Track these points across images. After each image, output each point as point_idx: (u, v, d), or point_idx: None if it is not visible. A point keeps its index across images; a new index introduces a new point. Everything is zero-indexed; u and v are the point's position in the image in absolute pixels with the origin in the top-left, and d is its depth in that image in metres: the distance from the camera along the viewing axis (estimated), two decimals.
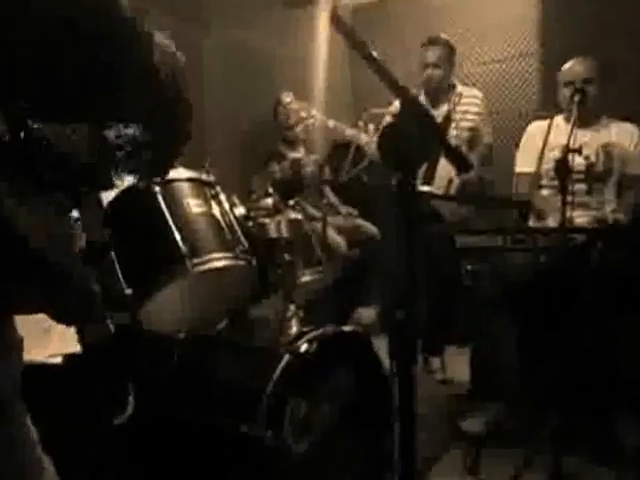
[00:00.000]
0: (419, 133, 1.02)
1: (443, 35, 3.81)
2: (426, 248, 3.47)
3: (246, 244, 2.09)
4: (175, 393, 1.84)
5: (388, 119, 3.31)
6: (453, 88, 3.83)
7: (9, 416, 1.09)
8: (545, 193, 3.30)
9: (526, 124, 3.53)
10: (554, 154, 3.02)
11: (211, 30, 3.49)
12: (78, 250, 1.05)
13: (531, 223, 3.22)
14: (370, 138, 3.37)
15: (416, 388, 1.23)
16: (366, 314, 4.15)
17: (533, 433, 2.58)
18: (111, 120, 0.98)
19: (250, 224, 2.24)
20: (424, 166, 3.46)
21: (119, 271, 1.71)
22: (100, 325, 1.19)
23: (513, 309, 2.90)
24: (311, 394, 1.90)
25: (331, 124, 3.43)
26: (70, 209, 1.01)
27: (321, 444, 1.88)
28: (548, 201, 3.20)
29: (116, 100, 0.97)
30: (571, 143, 2.59)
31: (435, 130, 1.09)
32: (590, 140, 3.20)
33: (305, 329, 2.02)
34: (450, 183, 3.55)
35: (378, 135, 1.03)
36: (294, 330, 2.06)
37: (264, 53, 3.87)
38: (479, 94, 3.87)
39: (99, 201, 1.24)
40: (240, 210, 2.21)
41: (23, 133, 0.89)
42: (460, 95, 3.79)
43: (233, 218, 2.13)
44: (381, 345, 2.15)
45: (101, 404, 1.62)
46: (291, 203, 2.38)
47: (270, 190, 2.37)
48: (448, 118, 3.69)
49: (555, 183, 2.86)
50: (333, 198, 4.16)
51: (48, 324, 1.18)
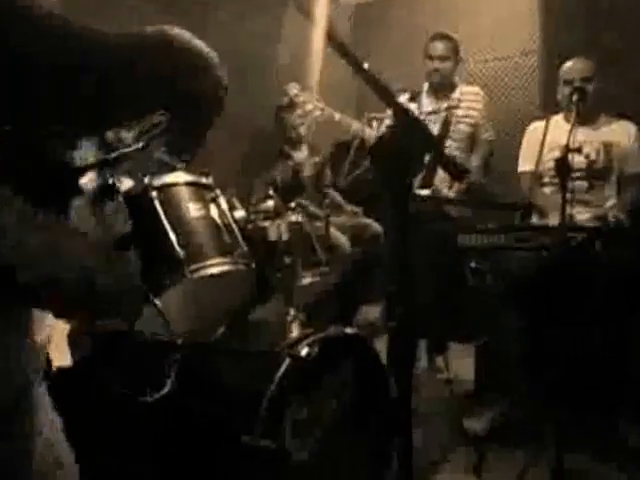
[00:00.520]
0: (412, 146, 1.01)
1: (449, 33, 3.83)
2: (430, 246, 3.47)
3: (245, 248, 2.07)
4: (173, 399, 1.84)
5: (388, 122, 3.32)
6: (455, 86, 3.85)
7: (24, 408, 1.09)
8: (547, 191, 3.31)
9: (527, 122, 3.53)
10: (554, 153, 3.02)
11: (208, 30, 3.48)
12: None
13: (534, 221, 3.22)
14: (374, 133, 3.38)
15: (411, 388, 1.22)
16: (371, 312, 4.14)
17: (538, 431, 2.58)
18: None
19: (250, 227, 2.23)
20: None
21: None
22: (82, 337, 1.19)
23: (517, 307, 2.90)
24: (312, 398, 1.89)
25: (337, 117, 3.45)
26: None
27: (322, 448, 1.88)
28: (549, 199, 3.21)
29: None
30: (571, 142, 2.59)
31: (429, 141, 1.08)
32: (590, 138, 3.22)
33: (306, 332, 2.01)
34: (451, 186, 3.57)
35: (370, 147, 1.02)
36: (295, 333, 2.06)
37: (263, 54, 3.86)
38: (480, 92, 3.90)
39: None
40: (240, 213, 2.19)
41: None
42: (461, 93, 3.80)
43: (233, 221, 2.10)
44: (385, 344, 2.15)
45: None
46: (292, 206, 2.36)
47: (271, 193, 2.36)
48: (449, 116, 3.70)
49: (557, 181, 2.86)
50: (337, 197, 4.15)
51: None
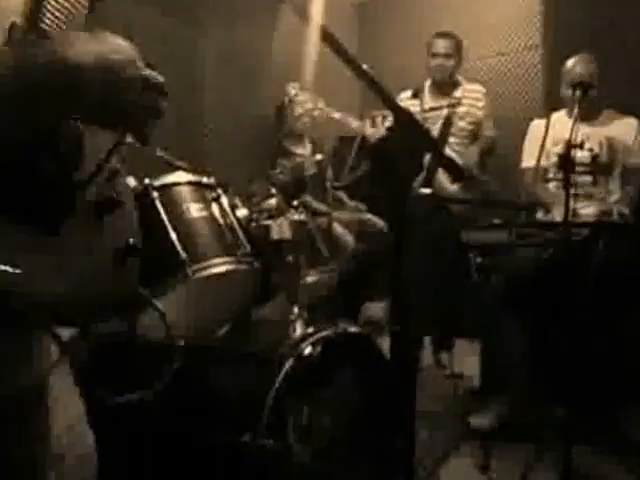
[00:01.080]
0: (412, 146, 1.01)
1: (452, 31, 3.85)
2: (434, 243, 3.47)
3: (248, 247, 2.07)
4: (176, 400, 1.84)
5: (391, 120, 3.30)
6: (457, 83, 3.86)
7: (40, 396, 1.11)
8: (551, 186, 3.30)
9: (529, 118, 3.53)
10: (558, 148, 3.02)
11: (208, 29, 3.47)
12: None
13: (539, 216, 3.22)
14: (377, 130, 3.37)
15: (415, 386, 1.22)
16: (375, 310, 4.14)
17: (543, 428, 2.57)
18: None
19: (253, 226, 2.22)
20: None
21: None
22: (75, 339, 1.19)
23: (521, 303, 2.90)
24: (316, 397, 1.89)
25: (337, 116, 3.44)
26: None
27: (326, 447, 1.88)
28: (553, 194, 3.20)
29: None
30: (574, 137, 2.59)
31: (429, 141, 1.08)
32: (593, 133, 3.21)
33: (309, 331, 2.01)
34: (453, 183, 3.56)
35: (370, 147, 1.02)
36: (298, 332, 2.05)
37: (263, 52, 3.85)
38: (482, 89, 3.91)
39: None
40: (242, 212, 2.19)
41: None
42: (464, 90, 3.81)
43: (235, 220, 2.10)
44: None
45: None
46: (294, 204, 2.36)
47: (273, 191, 2.36)
48: (451, 113, 3.70)
49: (560, 176, 2.86)
50: (340, 193, 4.14)
51: None
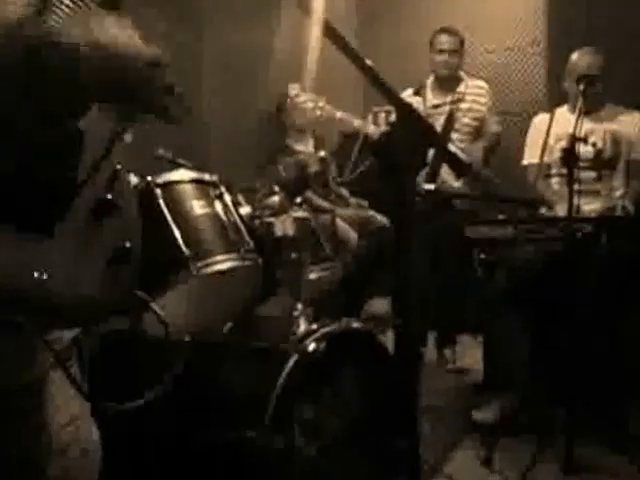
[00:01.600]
0: (415, 142, 1.01)
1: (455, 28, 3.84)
2: (438, 239, 3.48)
3: (251, 244, 2.07)
4: (181, 397, 1.85)
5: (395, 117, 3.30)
6: (460, 79, 3.85)
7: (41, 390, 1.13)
8: (554, 182, 3.29)
9: (533, 113, 3.52)
10: (561, 144, 3.01)
11: (210, 26, 3.46)
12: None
13: (542, 212, 3.21)
14: (378, 128, 3.37)
15: (419, 381, 1.22)
16: (378, 306, 4.14)
17: (545, 421, 2.58)
18: None
19: (256, 223, 2.22)
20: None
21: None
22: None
23: (525, 298, 2.90)
24: (320, 393, 1.90)
25: (339, 115, 3.44)
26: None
27: (331, 443, 1.88)
28: (556, 190, 3.20)
29: None
30: (578, 132, 2.59)
31: (432, 136, 1.08)
32: (596, 127, 3.20)
33: (313, 327, 2.01)
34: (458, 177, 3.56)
35: (373, 143, 1.02)
36: (302, 329, 2.05)
37: (262, 51, 3.85)
38: (485, 85, 3.90)
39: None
40: (245, 209, 2.19)
41: None
42: (466, 86, 3.80)
43: (238, 218, 2.10)
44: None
45: None
46: (297, 201, 2.36)
47: (276, 188, 2.36)
48: (454, 109, 3.70)
49: (564, 172, 2.85)
50: (343, 190, 4.14)
51: None
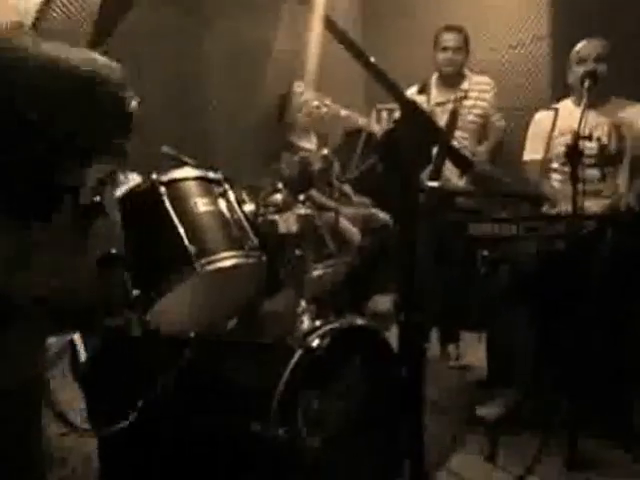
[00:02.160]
0: (419, 138, 1.01)
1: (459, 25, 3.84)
2: (441, 236, 3.47)
3: (255, 241, 2.08)
4: (186, 392, 1.86)
5: (398, 113, 3.31)
6: (465, 76, 3.86)
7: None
8: (557, 179, 3.28)
9: (537, 110, 3.51)
10: (565, 138, 3.00)
11: (214, 24, 3.46)
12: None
13: (544, 209, 3.20)
14: (383, 125, 3.38)
15: (423, 378, 1.23)
16: (382, 303, 4.14)
17: (549, 418, 2.58)
18: None
19: (260, 220, 2.23)
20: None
21: (128, 274, 1.72)
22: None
23: (528, 295, 2.90)
24: (324, 389, 1.90)
25: (343, 113, 3.44)
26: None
27: (335, 439, 1.89)
28: (559, 189, 3.18)
29: None
30: (582, 129, 2.57)
31: (436, 133, 1.08)
32: (601, 121, 3.18)
33: (317, 324, 2.02)
34: (462, 175, 3.55)
35: (378, 141, 1.03)
36: (306, 325, 2.06)
37: (268, 46, 3.85)
38: (490, 82, 3.90)
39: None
40: (249, 207, 2.20)
41: None
42: (471, 83, 3.80)
43: (242, 215, 2.11)
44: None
45: None
46: (301, 198, 2.37)
47: (279, 186, 2.36)
48: (458, 106, 3.69)
49: (567, 169, 2.83)
50: (346, 188, 4.14)
51: None
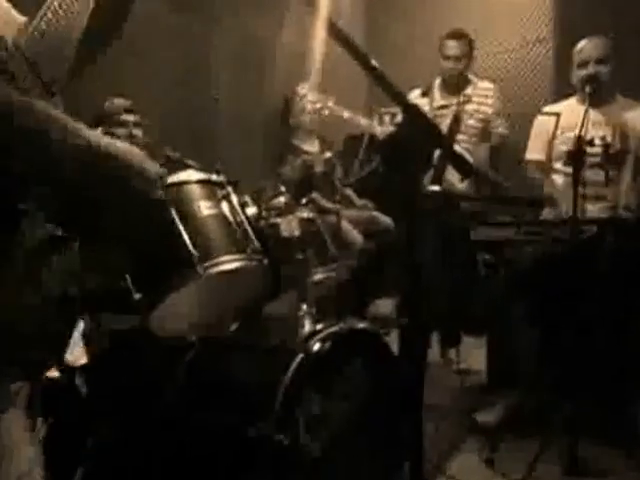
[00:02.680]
0: (421, 142, 1.02)
1: (464, 30, 3.83)
2: (443, 240, 3.47)
3: (258, 244, 2.08)
4: (188, 395, 1.86)
5: (400, 117, 3.31)
6: (468, 81, 3.86)
7: None
8: (559, 180, 3.27)
9: (538, 111, 3.51)
10: (567, 136, 2.99)
11: (221, 23, 3.47)
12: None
13: (546, 211, 3.20)
14: (385, 129, 3.38)
15: (423, 382, 1.23)
16: (383, 307, 4.14)
17: (549, 421, 2.58)
18: None
19: (262, 224, 2.23)
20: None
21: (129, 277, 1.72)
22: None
23: (528, 299, 2.90)
24: (325, 393, 1.90)
25: (346, 115, 3.45)
26: None
27: (335, 442, 1.89)
28: (561, 191, 3.17)
29: None
30: (584, 128, 2.57)
31: (438, 137, 1.09)
32: (605, 120, 3.16)
33: (318, 327, 2.02)
34: (463, 180, 3.56)
35: (379, 144, 1.04)
36: (307, 328, 2.06)
37: (275, 46, 3.86)
38: (492, 86, 3.90)
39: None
40: (252, 210, 2.20)
41: None
42: (474, 88, 3.81)
43: (245, 218, 2.11)
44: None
45: None
46: (303, 201, 2.37)
47: (282, 189, 2.37)
48: (460, 111, 3.70)
49: (569, 170, 2.83)
50: (348, 191, 4.15)
51: None
